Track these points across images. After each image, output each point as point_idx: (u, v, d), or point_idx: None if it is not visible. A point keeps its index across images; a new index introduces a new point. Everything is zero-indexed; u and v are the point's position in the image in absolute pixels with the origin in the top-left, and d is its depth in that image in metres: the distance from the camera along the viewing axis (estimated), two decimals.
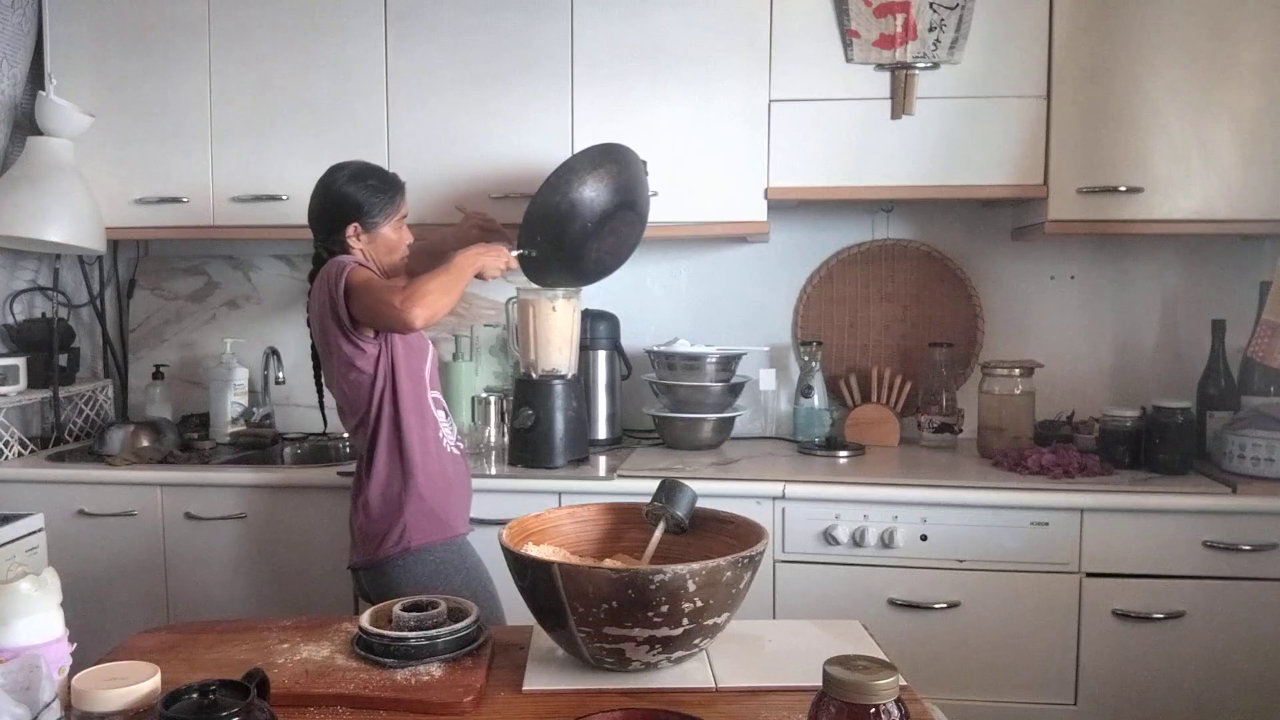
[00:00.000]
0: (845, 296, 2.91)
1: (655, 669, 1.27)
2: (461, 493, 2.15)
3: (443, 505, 2.06)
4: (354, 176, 2.09)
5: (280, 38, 2.68)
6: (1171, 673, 2.23)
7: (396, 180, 2.15)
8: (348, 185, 2.07)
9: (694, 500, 1.45)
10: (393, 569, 2.00)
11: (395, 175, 2.16)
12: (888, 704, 0.90)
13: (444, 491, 2.07)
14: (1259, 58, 2.38)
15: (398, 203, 2.12)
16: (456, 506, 2.11)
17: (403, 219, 2.14)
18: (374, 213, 2.08)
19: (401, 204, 2.13)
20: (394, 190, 2.12)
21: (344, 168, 2.11)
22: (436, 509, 2.04)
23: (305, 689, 1.22)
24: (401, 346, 2.04)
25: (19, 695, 1.06)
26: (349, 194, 2.07)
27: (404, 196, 2.14)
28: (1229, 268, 2.76)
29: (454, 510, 2.10)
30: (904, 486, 2.30)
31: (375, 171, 2.12)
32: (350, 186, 2.07)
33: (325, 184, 2.10)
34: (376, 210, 2.08)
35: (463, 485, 2.16)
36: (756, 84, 2.53)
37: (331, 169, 2.12)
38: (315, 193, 2.11)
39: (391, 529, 2.00)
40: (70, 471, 2.56)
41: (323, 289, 1.99)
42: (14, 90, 2.74)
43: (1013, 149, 2.47)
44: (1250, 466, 2.28)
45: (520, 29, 2.60)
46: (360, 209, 2.07)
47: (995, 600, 2.26)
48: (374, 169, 2.13)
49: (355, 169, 2.11)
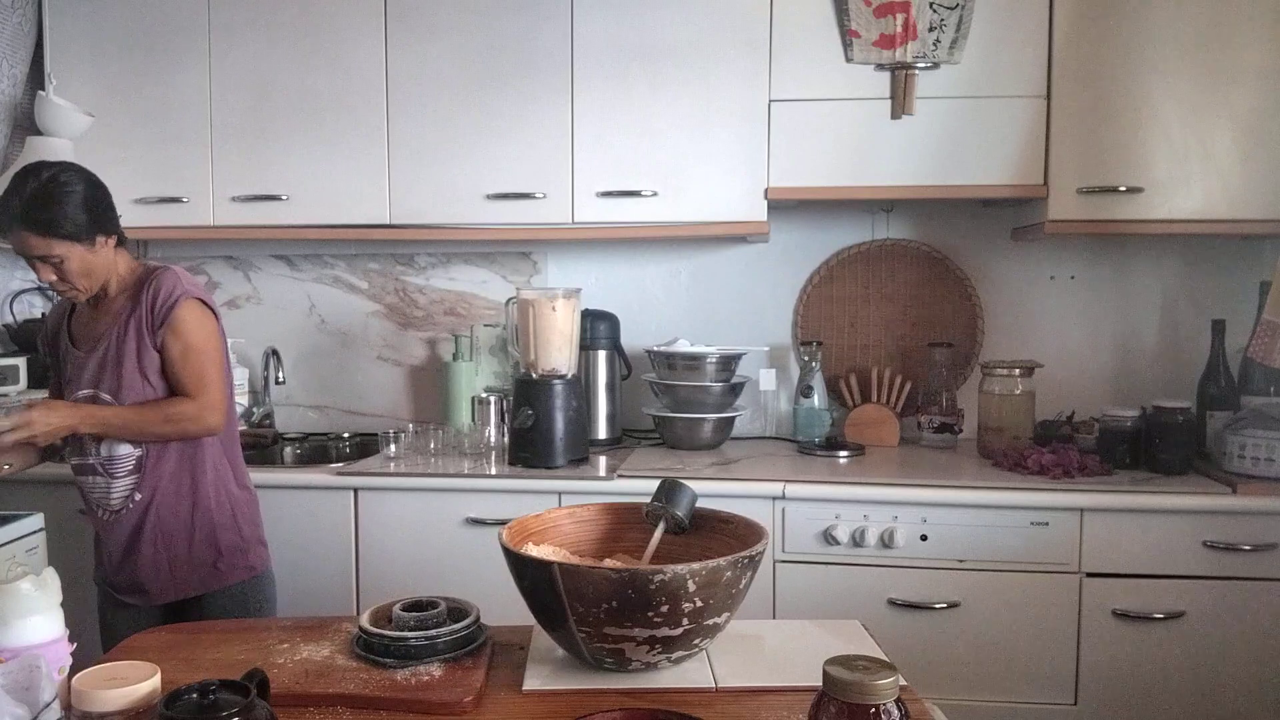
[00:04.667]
0: (845, 296, 2.91)
1: (655, 669, 1.27)
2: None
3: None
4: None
5: (280, 38, 2.68)
6: (1171, 673, 2.23)
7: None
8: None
9: (694, 500, 1.45)
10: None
11: (0, 205, 1.82)
12: (888, 704, 0.90)
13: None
14: (1259, 58, 2.38)
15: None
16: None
17: (31, 261, 1.86)
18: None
19: (14, 243, 1.84)
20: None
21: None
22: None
23: (305, 689, 1.22)
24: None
25: (19, 695, 1.06)
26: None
27: (17, 234, 1.82)
28: (1229, 268, 2.76)
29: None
30: (904, 486, 2.30)
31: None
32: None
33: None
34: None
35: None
36: (756, 84, 2.53)
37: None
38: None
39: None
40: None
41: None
42: (14, 90, 2.74)
43: (1013, 149, 2.47)
44: (1250, 466, 2.28)
45: (520, 29, 2.60)
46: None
47: (995, 600, 2.26)
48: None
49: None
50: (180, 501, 1.96)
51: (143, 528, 1.95)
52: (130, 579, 1.98)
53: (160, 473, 1.94)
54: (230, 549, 2.01)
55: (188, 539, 1.97)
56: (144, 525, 1.95)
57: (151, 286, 1.90)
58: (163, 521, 1.95)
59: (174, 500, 1.96)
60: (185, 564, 1.97)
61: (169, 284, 1.90)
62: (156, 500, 1.95)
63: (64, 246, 1.82)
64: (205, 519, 1.98)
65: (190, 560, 1.97)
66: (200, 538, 1.98)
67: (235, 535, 2.02)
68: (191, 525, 1.97)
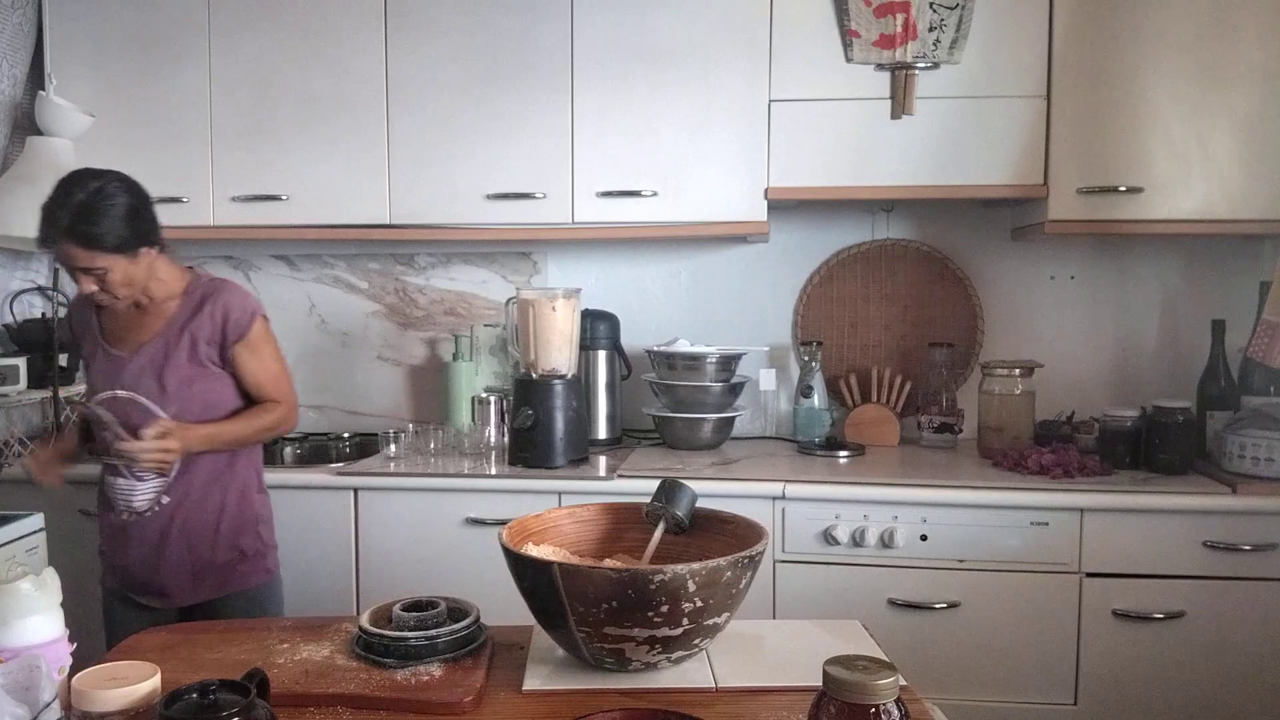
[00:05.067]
0: (845, 296, 2.91)
1: (655, 669, 1.27)
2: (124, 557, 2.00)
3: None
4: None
5: (280, 38, 2.68)
6: (1171, 673, 2.23)
7: (42, 219, 1.83)
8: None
9: (694, 500, 1.45)
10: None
11: (45, 215, 1.82)
12: (888, 704, 0.90)
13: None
14: (1259, 58, 2.38)
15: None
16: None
17: (72, 271, 1.86)
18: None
19: (58, 254, 1.86)
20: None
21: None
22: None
23: (305, 689, 1.22)
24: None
25: (19, 695, 1.06)
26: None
27: (61, 246, 1.82)
28: (1229, 268, 2.76)
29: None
30: (904, 486, 2.30)
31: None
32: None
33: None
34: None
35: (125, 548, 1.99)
36: (756, 84, 2.53)
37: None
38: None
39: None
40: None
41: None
42: (14, 90, 2.74)
43: (1013, 149, 2.47)
44: (1250, 466, 2.28)
45: (520, 29, 2.60)
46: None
47: (995, 600, 2.26)
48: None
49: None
50: (208, 505, 1.97)
51: (169, 530, 1.95)
52: (150, 581, 1.98)
53: (192, 477, 1.95)
54: (251, 553, 2.02)
55: (212, 542, 1.98)
56: (171, 528, 1.95)
57: (219, 304, 1.94)
58: (189, 524, 1.96)
59: (202, 504, 1.97)
60: (208, 567, 1.98)
61: (239, 303, 1.96)
62: (186, 504, 1.95)
63: (107, 259, 1.82)
64: (230, 523, 1.99)
65: (213, 563, 1.98)
66: (224, 541, 1.99)
67: (256, 539, 2.04)
68: (217, 529, 1.98)
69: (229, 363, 1.96)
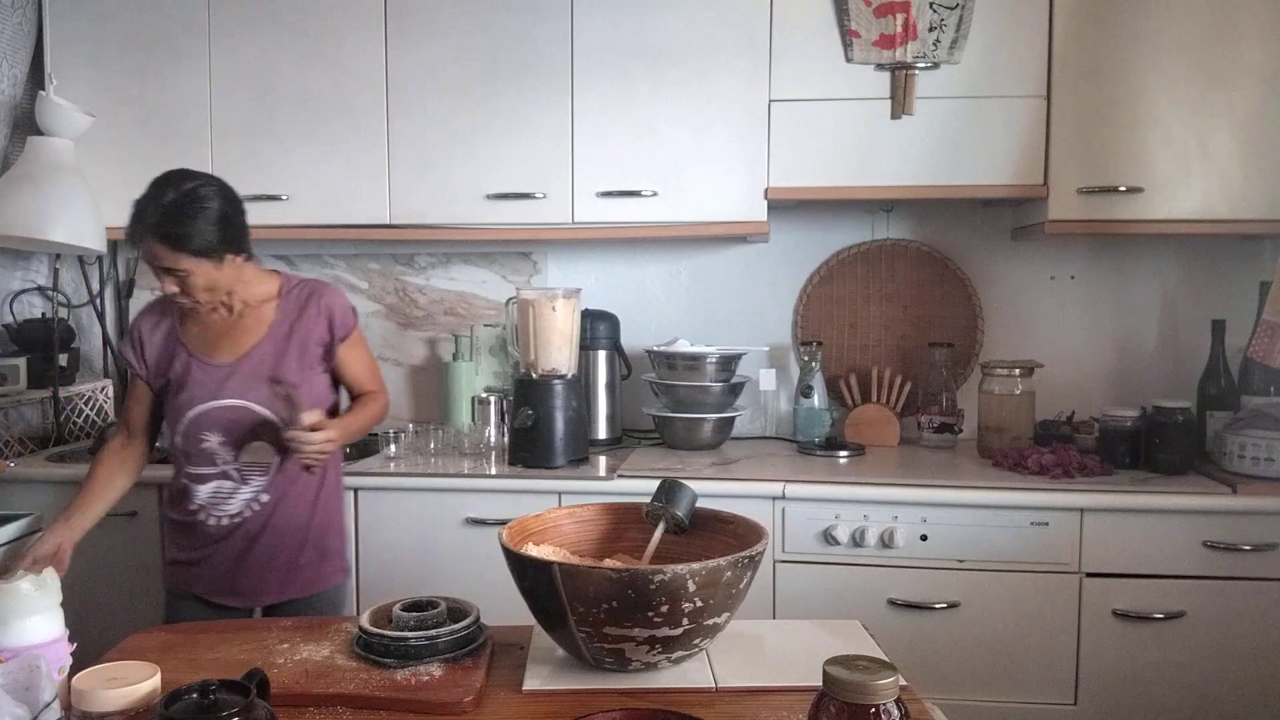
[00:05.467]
0: (845, 296, 2.91)
1: (655, 669, 1.27)
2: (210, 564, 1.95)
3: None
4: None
5: (280, 37, 2.68)
6: (1171, 673, 2.23)
7: (133, 215, 1.81)
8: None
9: (694, 500, 1.45)
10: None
11: (136, 211, 1.80)
12: (888, 704, 0.90)
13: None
14: (1259, 58, 2.38)
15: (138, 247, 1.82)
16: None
17: (156, 269, 1.83)
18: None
19: (143, 251, 1.81)
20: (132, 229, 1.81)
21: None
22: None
23: (305, 689, 1.22)
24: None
25: (19, 695, 1.06)
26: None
27: (146, 244, 1.79)
28: (1229, 268, 2.76)
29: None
30: (904, 486, 2.30)
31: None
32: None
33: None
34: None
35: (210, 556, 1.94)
36: (756, 84, 2.53)
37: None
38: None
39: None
40: (70, 471, 2.55)
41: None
42: (14, 90, 2.74)
43: (1013, 149, 2.47)
44: (1250, 466, 2.28)
45: (520, 29, 2.60)
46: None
47: (995, 600, 2.26)
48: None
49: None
50: (301, 504, 1.96)
51: (263, 531, 1.92)
52: (235, 582, 1.94)
53: (290, 475, 1.93)
54: (334, 551, 2.02)
55: (301, 541, 1.96)
56: (265, 528, 1.92)
57: (323, 304, 1.95)
58: (283, 524, 1.94)
59: (296, 503, 1.95)
60: (294, 566, 1.96)
61: (340, 302, 1.98)
62: (283, 503, 1.93)
63: (192, 262, 1.80)
64: (320, 521, 1.99)
65: (299, 562, 1.96)
66: (313, 540, 1.97)
67: (338, 538, 2.04)
68: (308, 527, 1.96)
69: (333, 361, 1.97)
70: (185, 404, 1.90)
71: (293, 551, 1.95)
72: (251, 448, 1.90)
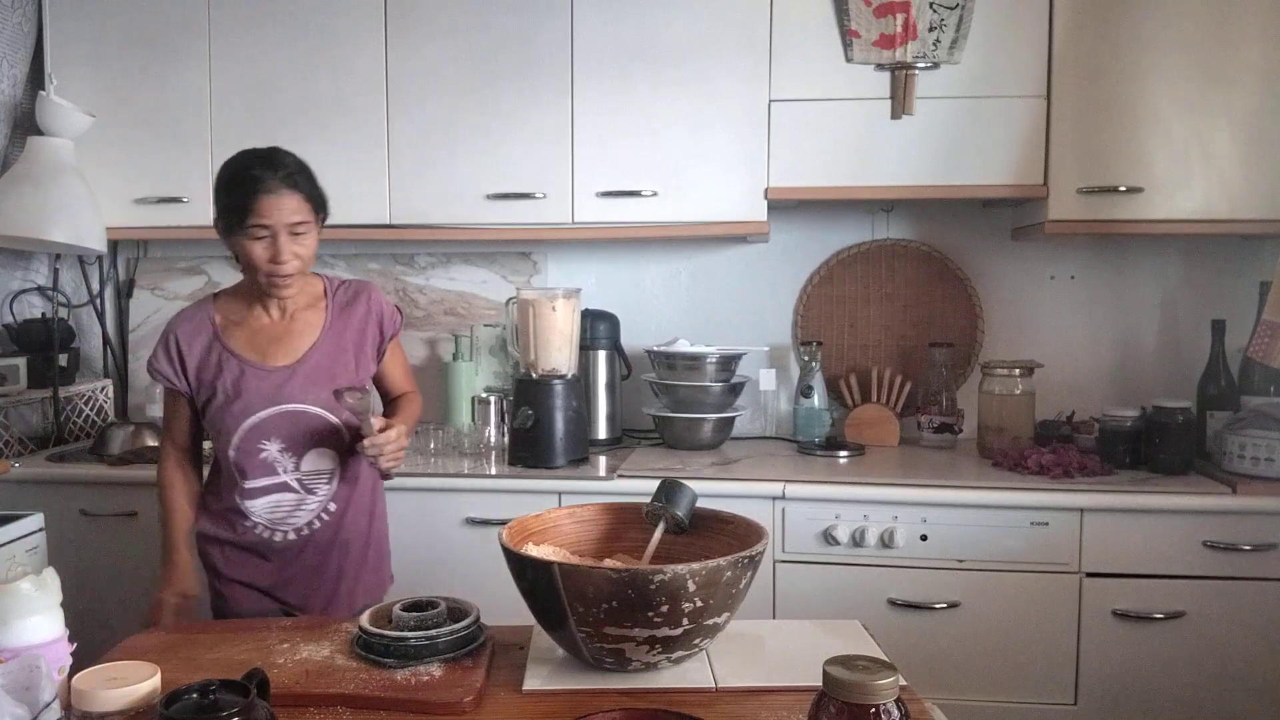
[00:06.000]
0: (845, 296, 2.91)
1: (655, 669, 1.27)
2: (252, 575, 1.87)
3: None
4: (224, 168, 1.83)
5: (280, 38, 2.67)
6: (1171, 673, 2.23)
7: (238, 177, 1.76)
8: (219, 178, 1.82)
9: (694, 500, 1.45)
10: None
11: (245, 173, 1.76)
12: (888, 704, 0.90)
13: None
14: (1259, 58, 2.38)
15: (239, 207, 1.75)
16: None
17: (260, 230, 1.75)
18: (219, 215, 1.81)
19: (248, 211, 1.73)
20: (232, 190, 1.77)
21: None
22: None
23: (305, 689, 1.22)
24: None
25: (19, 695, 1.06)
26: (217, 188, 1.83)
27: (256, 202, 1.73)
28: (1229, 268, 2.76)
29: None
30: (904, 486, 2.30)
31: (230, 164, 1.81)
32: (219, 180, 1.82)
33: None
34: (219, 212, 1.81)
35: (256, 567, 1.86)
36: (756, 84, 2.53)
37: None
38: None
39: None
40: (70, 471, 2.55)
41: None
42: (14, 90, 2.74)
43: (1013, 149, 2.47)
44: (1250, 466, 2.28)
45: (520, 29, 2.60)
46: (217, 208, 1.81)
47: (995, 600, 2.26)
48: (233, 161, 1.81)
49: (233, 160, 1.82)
50: (362, 510, 1.90)
51: (334, 541, 1.85)
52: (302, 596, 1.86)
53: (351, 481, 1.87)
54: (388, 555, 2.00)
55: (364, 549, 1.91)
56: (335, 539, 1.85)
57: (373, 303, 1.93)
58: (351, 532, 1.88)
59: (359, 510, 1.89)
60: (359, 577, 1.90)
61: (387, 303, 1.97)
62: (350, 511, 1.87)
63: (313, 218, 1.81)
64: (379, 527, 1.95)
65: (362, 574, 1.91)
66: (374, 547, 1.94)
67: (389, 543, 2.02)
68: (369, 534, 1.92)
69: (383, 360, 1.95)
70: (241, 413, 1.79)
71: (358, 560, 1.90)
72: (312, 455, 1.82)
